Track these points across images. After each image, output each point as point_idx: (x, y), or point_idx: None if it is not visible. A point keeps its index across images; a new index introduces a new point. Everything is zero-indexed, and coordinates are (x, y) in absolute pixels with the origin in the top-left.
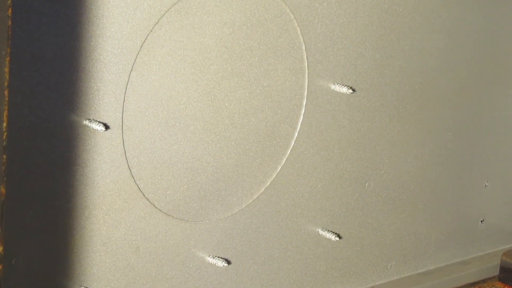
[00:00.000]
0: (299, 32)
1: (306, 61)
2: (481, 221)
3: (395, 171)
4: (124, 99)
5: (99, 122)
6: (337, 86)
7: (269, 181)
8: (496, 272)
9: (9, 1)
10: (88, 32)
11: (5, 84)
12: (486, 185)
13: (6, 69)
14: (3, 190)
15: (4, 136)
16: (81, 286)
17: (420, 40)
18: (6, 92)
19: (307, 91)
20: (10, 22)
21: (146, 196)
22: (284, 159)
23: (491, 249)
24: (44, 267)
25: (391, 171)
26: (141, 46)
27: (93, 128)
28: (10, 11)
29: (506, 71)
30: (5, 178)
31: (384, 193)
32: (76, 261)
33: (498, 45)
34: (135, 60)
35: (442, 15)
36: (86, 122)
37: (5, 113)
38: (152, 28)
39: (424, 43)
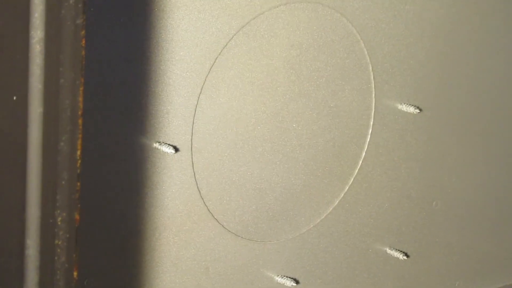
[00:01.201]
0: (365, 52)
1: (373, 81)
2: None
3: (462, 190)
4: (193, 122)
5: (169, 144)
6: (404, 105)
7: (337, 201)
8: None
9: (82, 32)
10: (157, 56)
11: (79, 113)
12: None
13: (80, 98)
14: (77, 217)
15: (78, 164)
16: None
17: (487, 59)
18: (80, 121)
19: (374, 111)
20: (83, 52)
21: (215, 217)
22: (352, 179)
23: None
24: None
25: (458, 190)
26: (210, 69)
27: (163, 151)
28: (83, 42)
29: None
30: (79, 205)
31: (451, 212)
32: (147, 282)
33: None
34: (204, 83)
35: (510, 33)
36: (156, 145)
37: (79, 141)
38: (221, 51)
39: (491, 63)
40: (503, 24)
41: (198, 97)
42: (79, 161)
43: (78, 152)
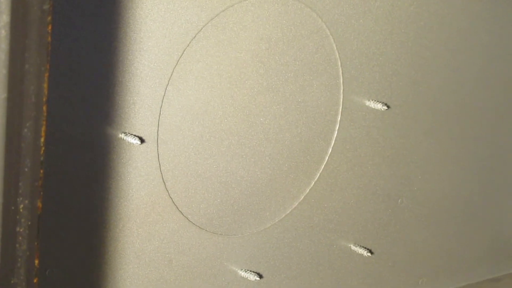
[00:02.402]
0: (335, 48)
1: (341, 77)
2: None
3: (428, 188)
4: (160, 113)
5: (135, 135)
6: (372, 102)
7: (302, 196)
8: None
9: (49, 18)
10: (125, 46)
11: (44, 99)
12: None
13: (45, 85)
14: (39, 205)
15: (42, 151)
16: None
17: (456, 57)
18: (44, 108)
19: (342, 107)
20: (50, 38)
21: (180, 209)
22: (318, 175)
23: None
24: (77, 279)
25: (424, 188)
26: (178, 61)
27: (128, 142)
28: (50, 28)
29: None
30: (41, 193)
31: (417, 209)
32: (109, 273)
33: None
34: (171, 75)
35: (479, 33)
36: (122, 136)
37: (43, 128)
38: (189, 43)
39: (460, 60)
40: (473, 20)
41: (166, 89)
42: (43, 148)
43: (42, 139)
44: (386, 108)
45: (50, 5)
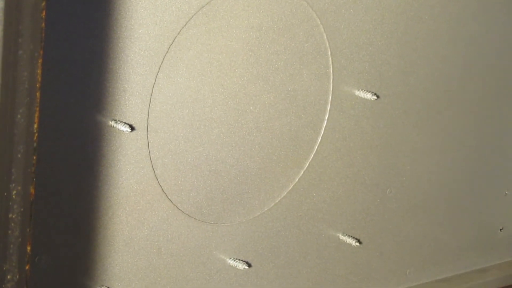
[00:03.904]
0: (325, 37)
1: (331, 67)
2: (501, 229)
3: (417, 178)
4: (150, 101)
5: (125, 123)
6: (361, 92)
7: (292, 185)
8: None
9: (43, 3)
10: (116, 33)
11: (37, 86)
12: (506, 193)
13: (39, 71)
14: (32, 191)
15: (35, 137)
16: (102, 285)
17: (445, 48)
18: (38, 94)
19: (332, 97)
20: (43, 24)
21: (169, 197)
22: (307, 164)
23: (510, 257)
24: (66, 266)
25: (412, 178)
26: (169, 48)
27: (118, 129)
28: (44, 14)
29: None
30: (34, 179)
31: (405, 199)
32: (98, 260)
33: None
34: (162, 62)
35: (468, 22)
36: (112, 123)
37: (37, 114)
38: (180, 31)
39: (449, 51)
40: (462, 11)
41: (156, 76)
42: (36, 135)
43: (35, 126)
44: (376, 98)
45: None
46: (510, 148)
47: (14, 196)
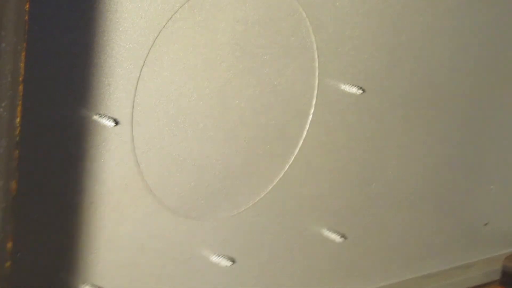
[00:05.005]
0: (311, 31)
1: (317, 60)
2: (485, 224)
3: (401, 173)
4: (134, 95)
5: (109, 117)
6: (347, 86)
7: (276, 180)
8: (498, 276)
9: None
10: (101, 26)
11: (20, 79)
12: (491, 188)
13: (22, 64)
14: (14, 186)
15: (17, 131)
16: (84, 282)
17: (431, 42)
18: (21, 87)
19: (317, 91)
20: (27, 17)
21: (153, 192)
22: (292, 158)
23: (494, 252)
24: (48, 263)
25: (397, 173)
26: (154, 42)
27: (103, 123)
28: (27, 6)
29: None
30: (16, 174)
31: (390, 195)
32: (81, 257)
33: (509, 49)
34: (147, 56)
35: (454, 17)
36: (96, 117)
37: (19, 108)
38: (165, 24)
39: (435, 45)
40: (448, 6)
41: (141, 70)
42: (19, 129)
43: (18, 119)
44: (362, 92)
45: None
46: (496, 143)
47: None
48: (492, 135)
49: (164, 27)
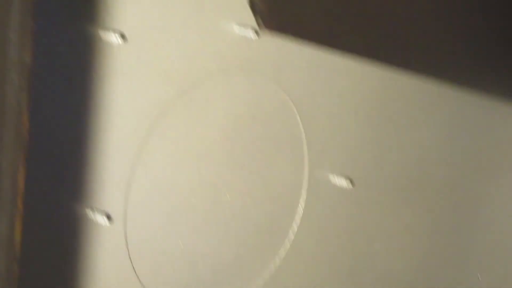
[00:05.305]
0: (300, 125)
1: (306, 154)
2: None
3: (391, 265)
4: (128, 191)
5: (103, 212)
6: (337, 179)
7: (268, 273)
8: None
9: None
10: (94, 123)
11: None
12: (479, 278)
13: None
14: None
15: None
16: None
17: (419, 134)
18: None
19: (307, 184)
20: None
21: None
22: (283, 252)
23: None
24: None
25: (386, 264)
26: (146, 137)
27: (96, 222)
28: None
29: (503, 164)
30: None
31: (379, 284)
32: None
33: (495, 139)
34: (139, 151)
35: (441, 109)
36: (90, 214)
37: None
38: (157, 119)
39: (422, 137)
40: (435, 99)
41: (133, 165)
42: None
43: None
44: (351, 185)
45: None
46: (484, 232)
47: None
48: (479, 223)
49: (156, 122)
